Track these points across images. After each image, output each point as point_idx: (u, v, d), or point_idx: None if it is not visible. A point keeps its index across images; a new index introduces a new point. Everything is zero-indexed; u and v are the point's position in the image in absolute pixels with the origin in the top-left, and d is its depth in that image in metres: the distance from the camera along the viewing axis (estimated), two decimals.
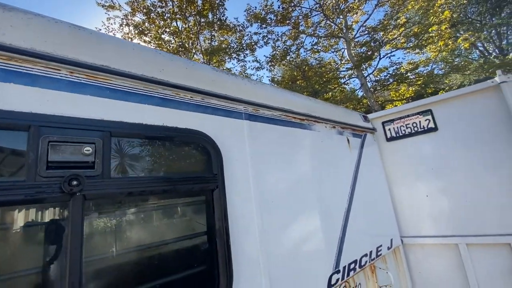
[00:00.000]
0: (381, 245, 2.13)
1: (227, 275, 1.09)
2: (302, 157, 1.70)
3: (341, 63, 13.52)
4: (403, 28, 10.44)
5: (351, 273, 1.73)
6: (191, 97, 1.20)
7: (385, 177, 2.60)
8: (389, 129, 2.71)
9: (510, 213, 2.09)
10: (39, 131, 0.79)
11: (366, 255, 1.92)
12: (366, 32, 11.28)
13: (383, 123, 2.74)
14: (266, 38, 12.18)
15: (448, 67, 11.78)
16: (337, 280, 1.61)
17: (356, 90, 13.98)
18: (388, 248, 2.22)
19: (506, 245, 2.07)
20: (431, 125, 2.48)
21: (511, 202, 2.09)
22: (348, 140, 2.21)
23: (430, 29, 9.92)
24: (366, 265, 1.91)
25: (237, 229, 1.18)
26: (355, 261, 1.80)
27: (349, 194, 1.99)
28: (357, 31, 11.60)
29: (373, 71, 11.98)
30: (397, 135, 2.66)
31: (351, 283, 1.78)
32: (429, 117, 2.50)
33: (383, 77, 11.82)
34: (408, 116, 2.61)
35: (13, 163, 0.77)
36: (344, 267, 1.69)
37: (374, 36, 11.05)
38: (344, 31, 11.46)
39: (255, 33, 12.18)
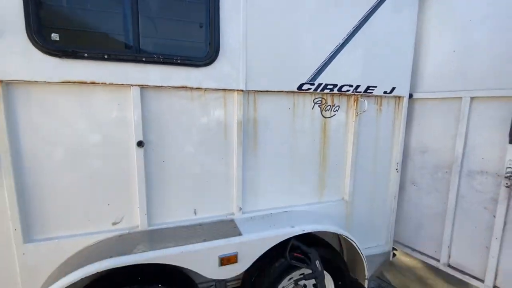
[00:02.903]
0: (375, 86, 2.44)
1: None
2: None
3: None
4: None
5: (326, 90, 2.27)
6: None
7: (417, 31, 2.53)
8: None
9: None
10: None
11: (351, 85, 2.34)
12: None
13: None
14: None
15: None
16: (308, 89, 2.21)
17: None
18: (385, 93, 2.50)
19: (508, 98, 2.02)
20: None
21: None
22: None
23: None
24: (349, 93, 2.36)
25: None
26: (334, 85, 2.29)
27: (351, 31, 2.25)
28: None
29: None
30: None
31: (329, 101, 2.35)
32: None
33: None
34: None
35: None
36: (320, 84, 2.23)
37: None
38: None
39: None
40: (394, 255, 2.91)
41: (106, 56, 1.64)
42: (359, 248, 2.21)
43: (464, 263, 2.40)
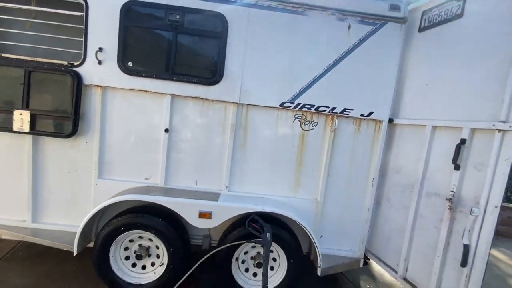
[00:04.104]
0: (352, 109, 2.92)
1: None
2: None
3: None
4: None
5: (304, 109, 2.90)
6: None
7: (398, 65, 2.89)
8: (425, 19, 2.74)
9: (475, 103, 2.16)
10: None
11: (327, 107, 2.91)
12: None
13: (423, 12, 2.77)
14: None
15: None
16: (289, 106, 2.89)
17: None
18: (362, 115, 2.94)
19: (459, 128, 2.26)
20: (458, 11, 2.39)
21: (482, 93, 2.12)
22: (349, 26, 2.80)
23: None
24: (325, 113, 2.92)
25: None
26: (312, 105, 2.90)
27: (329, 65, 2.85)
28: None
29: None
30: (429, 24, 2.69)
31: (308, 117, 2.97)
32: (461, 2, 2.37)
33: None
34: (445, 2, 2.53)
35: None
36: (299, 103, 2.89)
37: None
38: None
39: None
40: (365, 263, 3.17)
41: (154, 76, 2.77)
42: (311, 234, 2.71)
43: (417, 278, 2.59)
